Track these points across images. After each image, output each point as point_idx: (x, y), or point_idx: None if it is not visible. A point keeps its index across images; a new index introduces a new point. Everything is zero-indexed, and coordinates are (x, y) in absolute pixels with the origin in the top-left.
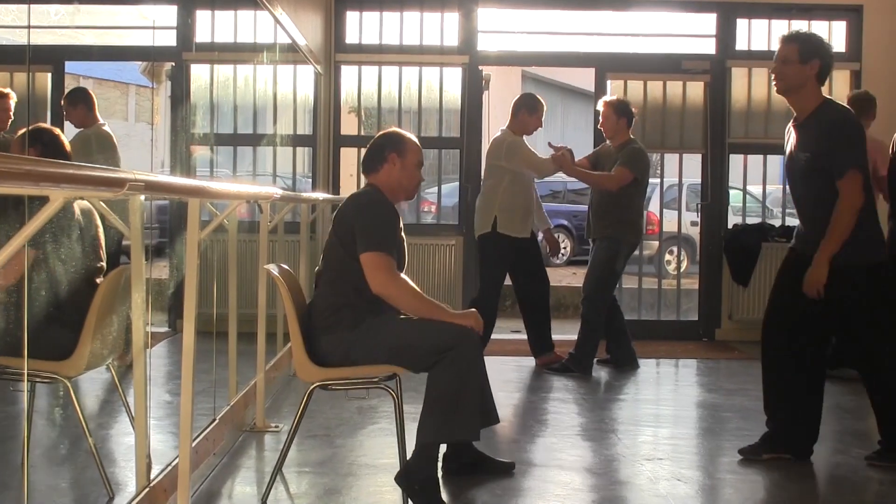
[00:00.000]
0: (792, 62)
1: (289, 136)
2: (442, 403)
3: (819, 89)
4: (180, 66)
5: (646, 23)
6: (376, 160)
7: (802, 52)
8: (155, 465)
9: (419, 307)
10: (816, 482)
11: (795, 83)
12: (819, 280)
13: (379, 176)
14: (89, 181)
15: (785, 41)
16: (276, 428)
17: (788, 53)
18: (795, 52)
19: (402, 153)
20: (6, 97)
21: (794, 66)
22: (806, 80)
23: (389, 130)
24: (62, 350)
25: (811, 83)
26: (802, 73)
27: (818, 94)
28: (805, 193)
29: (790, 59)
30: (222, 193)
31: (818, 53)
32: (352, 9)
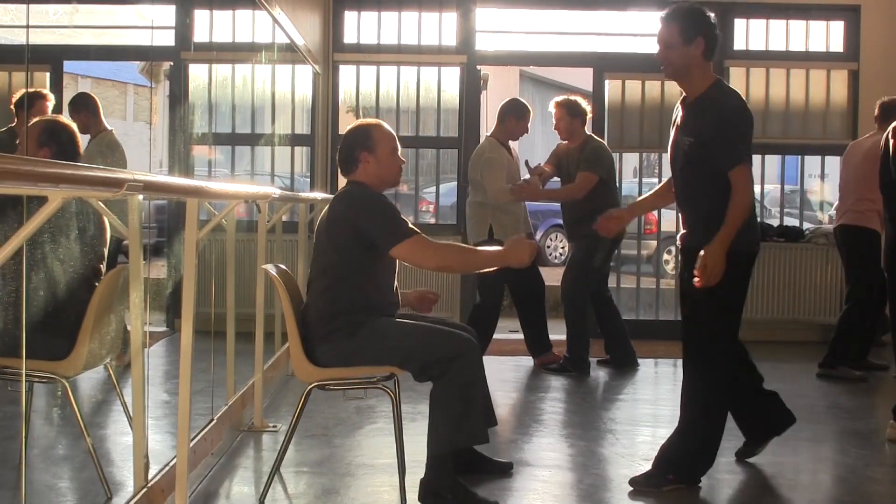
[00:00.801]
0: (675, 45)
1: (287, 135)
2: (450, 413)
3: (708, 67)
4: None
5: (643, 22)
6: (350, 163)
7: (684, 32)
8: (153, 465)
9: (477, 261)
10: (815, 482)
11: (682, 66)
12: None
13: (357, 175)
14: (88, 181)
15: (665, 21)
16: (274, 428)
17: (670, 36)
18: (677, 32)
19: (372, 149)
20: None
21: (677, 50)
22: (692, 60)
23: (354, 128)
24: (60, 350)
25: (698, 62)
26: (688, 54)
27: (708, 74)
28: (684, 182)
29: (672, 42)
30: (220, 193)
31: (701, 30)
32: (350, 9)
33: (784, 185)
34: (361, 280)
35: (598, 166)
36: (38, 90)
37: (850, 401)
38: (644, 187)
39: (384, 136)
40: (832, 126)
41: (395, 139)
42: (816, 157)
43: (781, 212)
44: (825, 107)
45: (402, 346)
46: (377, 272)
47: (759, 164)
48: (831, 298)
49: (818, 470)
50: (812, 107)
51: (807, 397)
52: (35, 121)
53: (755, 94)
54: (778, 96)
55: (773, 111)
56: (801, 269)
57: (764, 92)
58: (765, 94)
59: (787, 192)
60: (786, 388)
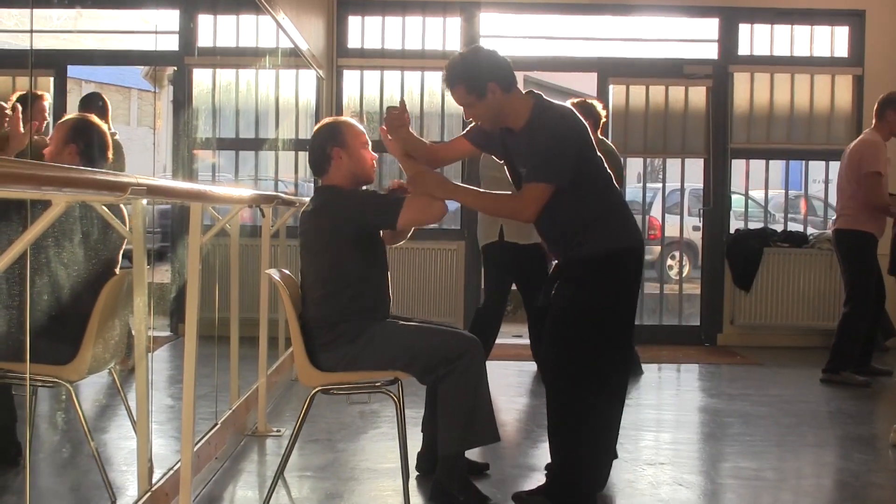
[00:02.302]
0: (473, 103)
1: (291, 140)
2: (459, 414)
3: (518, 98)
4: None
5: (648, 28)
6: (322, 162)
7: (474, 89)
8: (157, 470)
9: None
10: (818, 487)
11: (493, 115)
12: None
13: (331, 176)
14: (92, 185)
15: (450, 87)
16: (278, 432)
17: (463, 99)
18: (466, 93)
19: (343, 143)
20: (41, 98)
21: (479, 106)
22: (498, 105)
23: (322, 125)
24: (64, 354)
25: (504, 102)
26: (490, 104)
27: (522, 104)
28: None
29: (469, 101)
30: (224, 198)
31: (487, 77)
32: (354, 13)
33: (788, 190)
34: (358, 286)
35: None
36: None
37: (854, 406)
38: (648, 192)
39: (353, 131)
40: (837, 131)
41: (364, 134)
42: (821, 163)
43: (785, 217)
44: (830, 112)
45: (406, 348)
46: (372, 276)
47: (763, 169)
48: (835, 303)
49: (821, 475)
50: (816, 112)
51: (810, 402)
52: (65, 118)
53: (759, 99)
54: (782, 101)
55: (778, 116)
56: (805, 275)
57: (768, 97)
58: (769, 99)
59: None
60: (789, 392)
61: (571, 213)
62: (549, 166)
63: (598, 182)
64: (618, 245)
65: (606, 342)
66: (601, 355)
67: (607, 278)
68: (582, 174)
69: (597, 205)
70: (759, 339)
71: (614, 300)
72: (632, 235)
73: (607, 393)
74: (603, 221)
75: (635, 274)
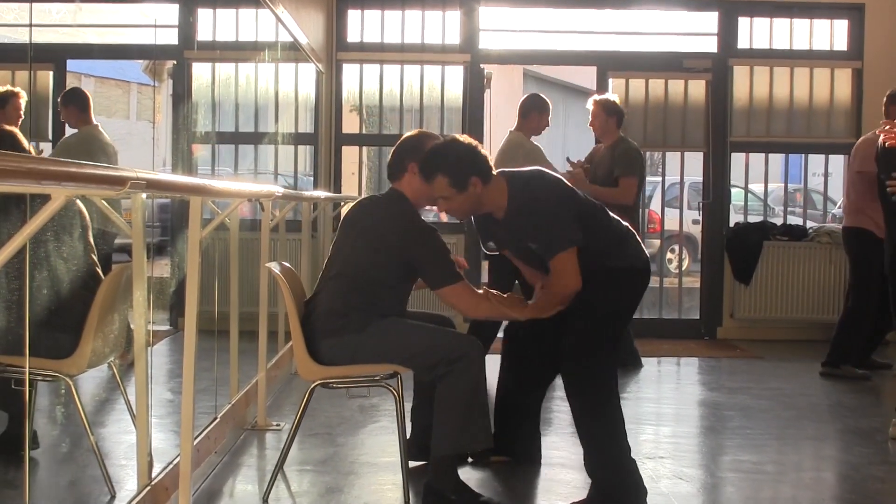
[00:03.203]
0: (454, 196)
1: (290, 134)
2: (455, 415)
3: (496, 184)
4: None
5: (647, 21)
6: (396, 168)
7: (456, 183)
8: (156, 464)
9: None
10: (818, 480)
11: (473, 207)
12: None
13: (402, 184)
14: (91, 179)
15: (428, 177)
16: (278, 426)
17: (443, 191)
18: (447, 186)
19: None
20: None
21: (457, 198)
22: (478, 195)
23: (412, 136)
24: (64, 348)
25: (482, 193)
26: (471, 196)
27: (498, 193)
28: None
29: (448, 194)
30: (224, 192)
31: (470, 170)
32: (353, 7)
33: (788, 183)
34: (382, 290)
35: (636, 169)
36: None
37: (854, 399)
38: (647, 185)
39: None
40: (836, 124)
41: None
42: (820, 156)
43: (785, 210)
44: (829, 105)
45: (408, 344)
46: (397, 286)
47: (763, 162)
48: (835, 297)
49: (821, 468)
50: (816, 105)
51: (810, 396)
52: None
53: (759, 92)
54: (782, 95)
55: (777, 110)
56: (804, 268)
57: (768, 90)
58: (769, 93)
59: (791, 191)
60: (789, 386)
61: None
62: (562, 234)
63: (599, 217)
64: (639, 264)
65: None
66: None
67: (627, 288)
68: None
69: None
70: (759, 333)
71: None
72: (645, 258)
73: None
74: (623, 244)
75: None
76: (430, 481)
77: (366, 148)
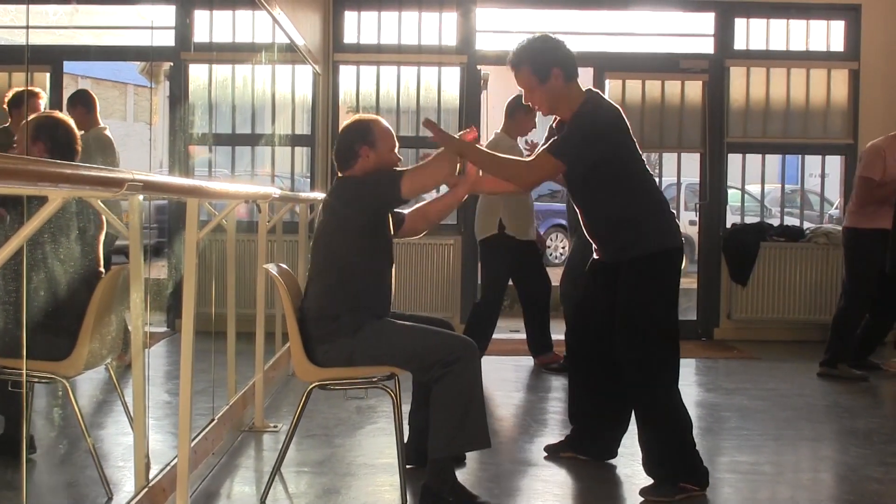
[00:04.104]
0: (535, 87)
1: (287, 135)
2: (452, 417)
3: (573, 88)
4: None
5: (644, 22)
6: (349, 157)
7: (538, 72)
8: (154, 465)
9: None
10: (815, 480)
11: (551, 102)
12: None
13: (355, 171)
14: (88, 181)
15: (515, 67)
16: (275, 428)
17: (526, 80)
18: (530, 74)
19: (373, 143)
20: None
21: (539, 90)
22: (557, 93)
23: (354, 121)
24: (61, 350)
25: (563, 92)
26: (551, 89)
27: (575, 95)
28: (581, 208)
29: (530, 84)
30: (221, 193)
31: (552, 61)
32: (350, 9)
33: (784, 184)
34: (361, 279)
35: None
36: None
37: (851, 400)
38: None
39: (384, 132)
40: (833, 125)
41: (393, 136)
42: (817, 157)
43: (782, 211)
44: (826, 106)
45: (403, 347)
46: (376, 269)
47: (760, 163)
48: (832, 298)
49: (819, 469)
50: (812, 106)
51: (807, 396)
52: (32, 116)
53: (755, 93)
54: (778, 96)
55: (774, 110)
56: (801, 269)
57: (764, 91)
58: (765, 94)
59: (788, 192)
60: (786, 386)
61: (619, 212)
62: (566, 145)
63: (643, 181)
64: (671, 244)
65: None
66: (673, 346)
67: (663, 275)
68: (624, 171)
69: (644, 203)
70: (756, 334)
71: (671, 294)
72: (677, 235)
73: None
74: (654, 219)
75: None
76: (427, 482)
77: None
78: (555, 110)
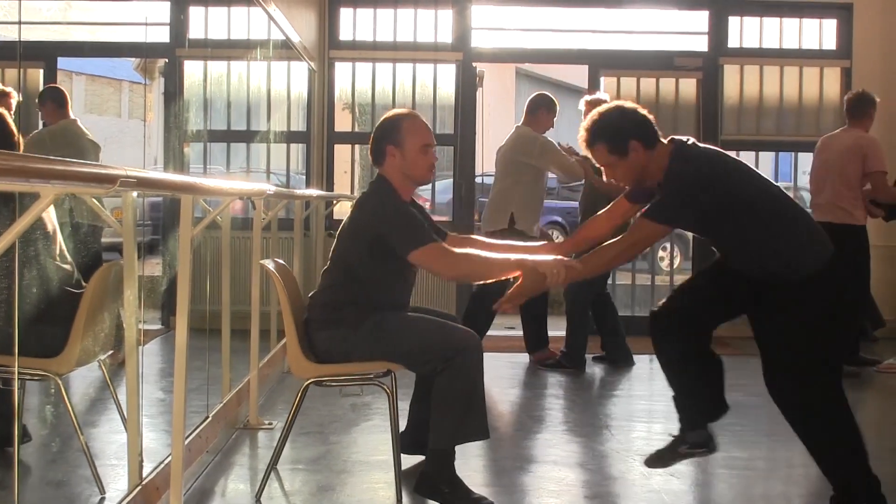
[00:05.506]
0: (615, 163)
1: (282, 132)
2: (454, 409)
3: (658, 154)
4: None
5: (639, 20)
6: (378, 156)
7: (616, 149)
8: (147, 463)
9: (494, 270)
10: (808, 476)
11: (636, 174)
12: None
13: (385, 168)
14: (81, 177)
15: (591, 146)
16: (270, 425)
17: (603, 158)
18: (607, 152)
19: (399, 143)
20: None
21: (621, 166)
22: (640, 164)
23: (385, 118)
24: (53, 347)
25: (646, 159)
26: (633, 162)
27: (661, 157)
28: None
29: (611, 161)
30: (215, 190)
31: (629, 134)
32: (346, 5)
33: (778, 181)
34: (377, 283)
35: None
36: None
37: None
38: None
39: (414, 130)
40: (825, 123)
41: (427, 134)
42: (810, 154)
43: None
44: (818, 104)
45: (402, 341)
46: (384, 279)
47: (753, 160)
48: None
49: (811, 464)
50: (805, 104)
51: None
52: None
53: (749, 91)
54: (772, 93)
55: (767, 108)
56: None
57: (758, 89)
58: (759, 92)
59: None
60: None
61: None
62: (663, 208)
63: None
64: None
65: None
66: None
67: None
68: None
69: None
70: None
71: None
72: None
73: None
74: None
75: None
76: (426, 470)
77: (358, 146)
78: (643, 181)
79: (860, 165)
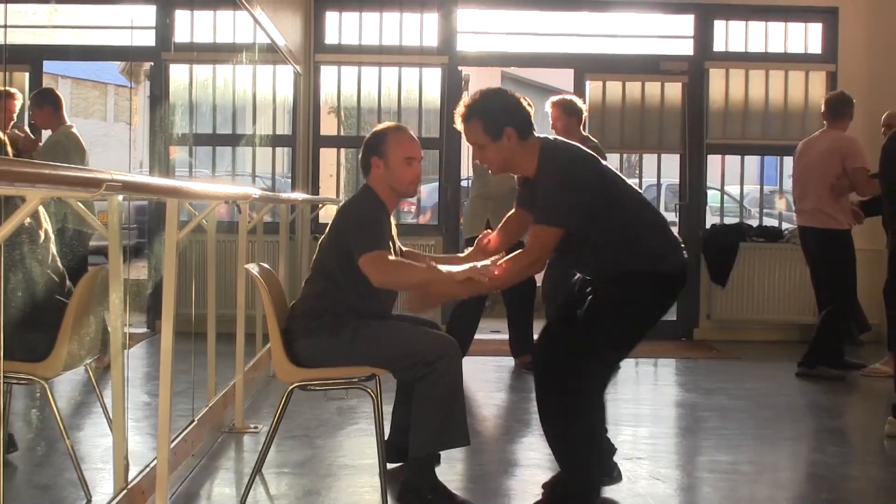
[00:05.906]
0: (486, 144)
1: (268, 136)
2: (433, 416)
3: (528, 148)
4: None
5: (624, 24)
6: (364, 167)
7: (489, 130)
8: (133, 467)
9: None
10: (793, 480)
11: (504, 160)
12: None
13: (371, 179)
14: (66, 181)
15: (466, 120)
16: (255, 429)
17: (475, 135)
18: (481, 131)
19: (383, 154)
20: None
21: (492, 149)
22: (510, 152)
23: (374, 130)
24: (39, 351)
25: (518, 149)
26: (503, 148)
27: (532, 151)
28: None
29: (482, 141)
30: (201, 194)
31: (505, 119)
32: (331, 9)
33: (763, 185)
34: (357, 291)
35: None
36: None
37: (829, 400)
38: None
39: (398, 142)
40: (811, 127)
41: (411, 147)
42: None
43: (761, 212)
44: (804, 108)
45: (385, 347)
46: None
47: (739, 164)
48: (810, 298)
49: (797, 468)
50: (791, 108)
51: (786, 396)
52: None
53: (734, 95)
54: (757, 97)
55: (753, 112)
56: (780, 269)
57: (743, 93)
58: (744, 95)
59: (767, 193)
60: (765, 386)
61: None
62: (554, 209)
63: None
64: (662, 268)
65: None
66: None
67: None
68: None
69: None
70: (736, 334)
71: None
72: (672, 261)
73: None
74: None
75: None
76: (408, 479)
77: (344, 150)
78: (508, 170)
79: (840, 166)
